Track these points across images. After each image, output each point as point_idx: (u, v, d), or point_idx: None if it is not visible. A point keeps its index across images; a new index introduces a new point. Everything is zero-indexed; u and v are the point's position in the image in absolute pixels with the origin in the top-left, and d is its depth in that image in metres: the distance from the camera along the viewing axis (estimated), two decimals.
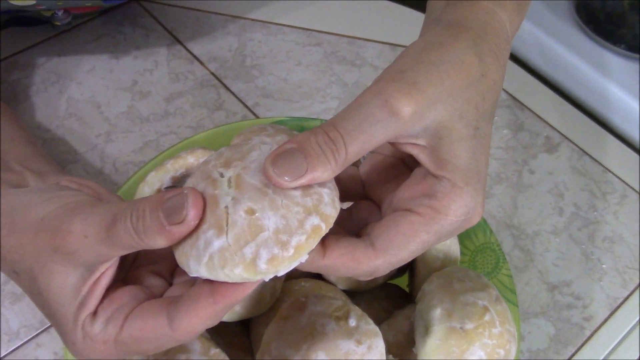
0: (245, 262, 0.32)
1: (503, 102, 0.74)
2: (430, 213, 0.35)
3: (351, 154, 0.33)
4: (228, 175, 0.33)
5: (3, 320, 0.55)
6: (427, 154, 0.35)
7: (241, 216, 0.32)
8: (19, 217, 0.36)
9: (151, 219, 0.32)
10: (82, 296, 0.35)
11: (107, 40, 0.75)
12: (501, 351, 0.45)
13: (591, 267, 0.63)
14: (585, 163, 0.70)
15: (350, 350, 0.41)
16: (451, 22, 0.38)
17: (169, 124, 0.69)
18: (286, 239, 0.32)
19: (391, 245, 0.35)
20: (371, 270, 0.35)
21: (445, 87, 0.35)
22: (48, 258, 0.35)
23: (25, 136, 0.49)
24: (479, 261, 0.54)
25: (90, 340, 0.34)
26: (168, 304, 0.34)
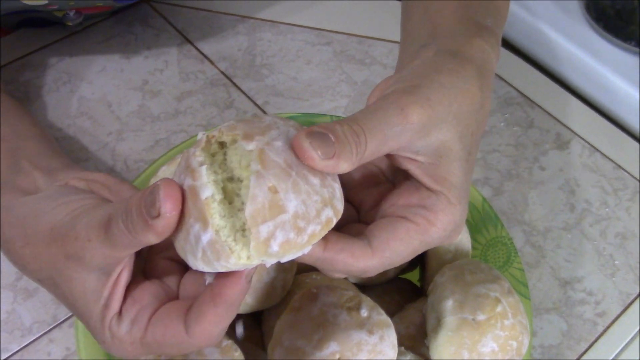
0: (258, 240, 0.31)
1: (513, 100, 0.74)
2: (425, 224, 0.36)
3: (368, 151, 0.34)
4: (250, 148, 0.32)
5: (16, 316, 0.56)
6: (424, 170, 0.37)
7: (264, 192, 0.31)
8: (30, 227, 0.38)
9: (137, 215, 0.32)
10: (104, 298, 0.36)
11: (118, 40, 0.76)
12: (513, 343, 0.44)
13: (603, 263, 0.63)
14: (597, 160, 0.70)
15: (362, 341, 0.41)
16: (454, 52, 0.40)
17: (180, 123, 0.69)
18: (303, 226, 0.32)
19: (387, 247, 0.36)
20: (365, 269, 0.36)
21: (452, 109, 0.37)
22: (63, 266, 0.36)
23: (35, 131, 0.50)
24: (490, 255, 0.54)
25: (118, 341, 0.36)
26: (185, 310, 0.34)
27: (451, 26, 0.43)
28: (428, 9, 0.47)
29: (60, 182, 0.42)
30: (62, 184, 0.42)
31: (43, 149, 0.47)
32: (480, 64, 0.40)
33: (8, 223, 0.40)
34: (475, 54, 0.41)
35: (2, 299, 0.57)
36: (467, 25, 0.43)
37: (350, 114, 0.36)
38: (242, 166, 0.33)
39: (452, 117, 0.37)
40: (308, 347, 0.42)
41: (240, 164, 0.33)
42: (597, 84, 0.76)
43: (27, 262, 0.38)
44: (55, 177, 0.43)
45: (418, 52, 0.42)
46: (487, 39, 0.42)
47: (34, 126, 0.50)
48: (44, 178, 0.43)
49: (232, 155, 0.33)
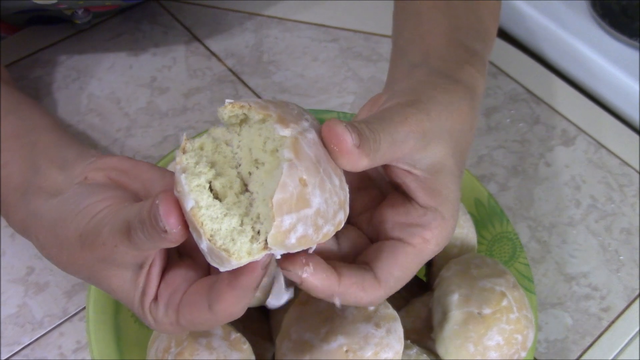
0: (279, 229, 0.31)
1: (519, 96, 0.74)
2: (421, 243, 0.38)
3: (381, 152, 0.35)
4: (284, 134, 0.32)
5: (27, 309, 0.57)
6: (419, 183, 0.38)
7: (294, 183, 0.31)
8: (61, 234, 0.39)
9: (150, 227, 0.33)
10: (141, 287, 0.38)
11: (126, 37, 0.76)
12: (519, 336, 0.45)
13: (608, 259, 0.63)
14: (602, 156, 0.70)
15: (369, 334, 0.42)
16: (447, 74, 0.43)
17: (188, 119, 0.70)
18: (321, 224, 0.32)
19: (391, 277, 0.37)
20: (372, 301, 0.37)
21: (447, 126, 0.39)
22: (99, 267, 0.38)
23: (47, 122, 0.50)
24: (496, 250, 0.54)
25: (160, 323, 0.38)
26: (208, 290, 0.36)
27: (443, 49, 0.46)
28: (419, 26, 0.49)
29: (79, 177, 0.43)
30: (82, 179, 0.42)
31: (56, 140, 0.48)
32: (471, 88, 0.43)
33: (41, 229, 0.41)
34: (465, 78, 0.43)
35: (13, 293, 0.57)
36: (458, 50, 0.46)
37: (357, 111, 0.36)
38: (266, 149, 0.33)
39: (446, 134, 0.39)
40: (316, 340, 0.42)
41: (265, 146, 0.33)
42: (602, 80, 0.77)
43: (65, 266, 0.40)
44: (73, 171, 0.43)
45: (411, 71, 0.44)
46: (476, 65, 0.45)
47: (44, 117, 0.51)
48: (62, 175, 0.43)
49: (254, 134, 0.33)
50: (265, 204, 0.32)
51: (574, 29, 0.79)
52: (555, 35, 0.79)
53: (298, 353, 0.43)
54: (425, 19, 0.49)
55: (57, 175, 0.44)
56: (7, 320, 0.56)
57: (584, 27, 0.79)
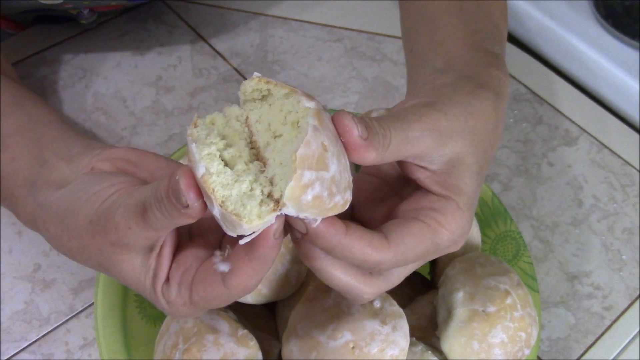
0: (299, 182, 0.31)
1: (522, 96, 0.75)
2: (435, 225, 0.37)
3: (392, 148, 0.36)
4: (309, 105, 0.33)
5: (34, 306, 0.57)
6: (434, 179, 0.38)
7: (317, 144, 0.32)
8: (70, 222, 0.39)
9: (169, 204, 0.33)
10: (152, 270, 0.38)
11: (131, 37, 0.77)
12: (523, 334, 0.45)
13: (611, 258, 0.64)
14: (604, 156, 0.71)
15: (376, 330, 0.42)
16: (471, 77, 0.43)
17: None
18: (334, 192, 0.33)
19: (403, 242, 0.36)
20: (379, 262, 0.36)
21: (468, 125, 0.39)
22: (110, 252, 0.38)
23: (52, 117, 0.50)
24: (499, 249, 0.55)
25: (173, 305, 0.37)
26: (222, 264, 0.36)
27: (465, 55, 0.46)
28: (435, 32, 0.49)
29: (85, 168, 0.43)
30: (89, 169, 0.43)
31: (62, 134, 0.48)
32: (496, 90, 0.43)
33: (49, 221, 0.41)
34: (492, 81, 0.43)
35: (20, 289, 0.58)
36: (480, 54, 0.46)
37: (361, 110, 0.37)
38: (286, 122, 0.33)
39: (467, 132, 0.39)
40: (322, 336, 0.43)
41: (285, 120, 0.34)
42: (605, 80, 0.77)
43: (76, 254, 0.40)
44: (79, 163, 0.43)
45: (435, 77, 0.44)
46: (500, 67, 0.45)
47: (50, 112, 0.51)
48: (69, 167, 0.44)
49: (275, 110, 0.34)
50: (282, 167, 0.33)
51: (577, 30, 0.79)
52: (558, 36, 0.80)
53: (305, 349, 0.43)
54: (441, 24, 0.49)
55: (64, 168, 0.44)
56: (14, 317, 0.56)
57: (587, 28, 0.80)
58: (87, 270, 0.59)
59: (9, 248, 0.60)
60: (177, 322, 0.46)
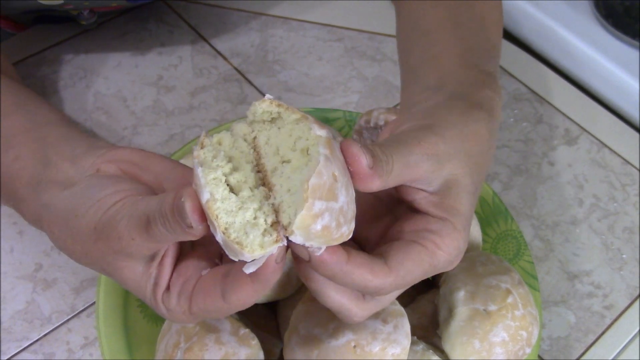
0: (310, 212, 0.31)
1: (523, 96, 0.75)
2: (433, 247, 0.37)
3: (394, 174, 0.36)
4: (320, 134, 0.33)
5: (35, 306, 0.57)
6: (432, 199, 0.38)
7: (328, 174, 0.32)
8: (74, 227, 0.40)
9: (173, 222, 0.34)
10: (153, 278, 0.38)
11: (132, 36, 0.77)
12: (524, 333, 0.45)
13: (611, 257, 0.64)
14: (605, 155, 0.71)
15: (377, 329, 0.43)
16: (464, 96, 0.43)
17: (194, 117, 0.70)
18: (342, 222, 0.33)
19: (402, 267, 0.37)
20: (380, 287, 0.36)
21: (464, 147, 0.40)
22: (113, 259, 0.38)
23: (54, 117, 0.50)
24: (500, 248, 0.55)
25: (172, 313, 0.38)
26: (222, 279, 0.36)
27: (458, 72, 0.46)
28: (430, 47, 0.49)
29: (90, 169, 0.43)
30: (94, 170, 0.43)
31: (65, 134, 0.48)
32: (489, 110, 0.43)
33: (54, 222, 0.42)
34: (484, 102, 0.44)
35: (21, 289, 0.58)
36: (472, 72, 0.46)
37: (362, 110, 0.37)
38: (295, 148, 0.34)
39: (463, 154, 0.39)
40: (324, 335, 0.43)
41: (294, 146, 0.34)
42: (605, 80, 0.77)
43: (79, 257, 0.41)
44: (84, 164, 0.43)
45: (427, 94, 0.45)
46: (493, 87, 0.45)
47: (53, 112, 0.51)
48: (74, 167, 0.44)
49: (285, 134, 0.34)
50: (291, 194, 0.33)
51: (577, 30, 0.80)
52: (558, 35, 0.80)
53: (306, 348, 0.43)
54: (436, 40, 0.49)
55: (68, 168, 0.44)
56: (16, 316, 0.56)
57: (587, 27, 0.80)
58: (88, 270, 0.59)
59: (10, 248, 0.60)
60: None
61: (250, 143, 0.35)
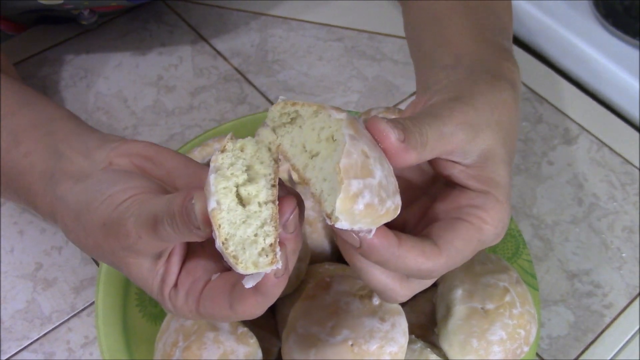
0: (348, 193, 0.31)
1: (522, 95, 0.75)
2: (479, 223, 0.37)
3: (429, 146, 0.36)
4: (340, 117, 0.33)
5: (36, 305, 0.57)
6: (469, 173, 0.38)
7: (358, 152, 0.32)
8: (86, 221, 0.40)
9: (181, 223, 0.34)
10: (160, 275, 0.38)
11: (133, 37, 0.77)
12: (522, 331, 0.46)
13: (611, 256, 0.64)
14: (604, 154, 0.71)
15: (374, 328, 0.43)
16: (486, 70, 0.43)
17: (194, 117, 0.70)
18: (384, 197, 0.32)
19: (452, 247, 0.36)
20: (432, 269, 0.36)
21: (494, 117, 0.39)
22: (121, 254, 0.38)
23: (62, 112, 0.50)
24: (499, 247, 0.55)
25: (179, 310, 0.38)
26: (230, 287, 0.36)
27: (475, 50, 0.45)
28: (442, 31, 0.48)
29: (103, 162, 0.43)
30: (107, 164, 0.43)
31: (75, 128, 0.48)
32: (511, 81, 0.43)
33: (67, 215, 0.42)
34: (506, 73, 0.43)
35: (22, 288, 0.58)
36: (489, 48, 0.46)
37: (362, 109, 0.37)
38: (321, 138, 0.33)
39: (494, 124, 0.39)
40: (322, 333, 0.43)
41: (319, 136, 0.33)
42: (605, 79, 0.77)
43: (90, 250, 0.41)
44: (97, 157, 0.43)
45: (447, 73, 0.44)
46: (511, 59, 0.45)
47: (59, 109, 0.51)
48: (87, 160, 0.43)
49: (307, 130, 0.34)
50: (327, 182, 0.32)
51: (577, 29, 0.80)
52: (558, 35, 0.80)
53: (304, 347, 0.43)
54: (448, 24, 0.48)
55: (81, 161, 0.44)
56: (16, 316, 0.57)
57: (587, 27, 0.80)
58: (88, 269, 0.59)
59: (10, 247, 0.60)
60: (177, 320, 0.46)
61: (274, 153, 0.35)
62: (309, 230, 0.52)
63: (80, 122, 0.49)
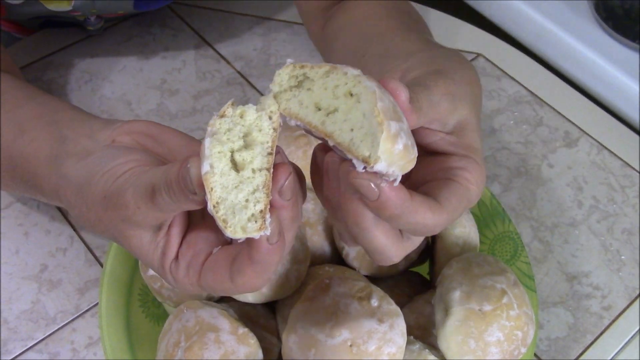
0: (389, 133, 0.32)
1: (523, 98, 0.75)
2: (466, 183, 0.39)
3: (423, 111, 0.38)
4: (356, 73, 0.34)
5: (40, 306, 0.58)
6: (450, 140, 0.40)
7: (388, 98, 0.33)
8: (87, 195, 0.41)
9: (177, 190, 0.34)
10: (161, 247, 0.39)
11: (137, 41, 0.78)
12: (519, 333, 0.46)
13: (610, 259, 0.64)
14: (604, 157, 0.71)
15: (373, 329, 0.43)
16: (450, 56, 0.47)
17: (197, 121, 0.71)
18: (412, 142, 0.34)
19: (450, 204, 0.38)
20: (435, 225, 0.37)
21: (468, 90, 0.42)
22: (122, 227, 0.39)
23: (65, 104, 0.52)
24: (497, 249, 0.56)
25: (180, 282, 0.39)
26: (230, 260, 0.37)
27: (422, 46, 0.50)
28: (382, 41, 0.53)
29: (106, 140, 0.44)
30: (110, 142, 0.44)
31: (78, 115, 0.49)
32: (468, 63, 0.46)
33: (70, 190, 0.43)
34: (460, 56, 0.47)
35: (27, 289, 0.59)
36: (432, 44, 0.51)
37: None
38: (337, 95, 0.34)
39: (469, 97, 0.42)
40: (321, 334, 0.43)
41: (335, 93, 0.34)
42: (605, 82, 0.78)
43: (93, 225, 0.41)
44: (100, 137, 0.44)
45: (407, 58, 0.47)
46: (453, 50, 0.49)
47: (62, 102, 0.52)
48: (91, 141, 0.44)
49: (319, 90, 0.34)
50: (358, 128, 0.33)
51: (577, 32, 0.80)
52: (558, 38, 0.81)
53: (304, 347, 0.44)
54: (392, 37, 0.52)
55: (85, 141, 0.45)
56: (22, 316, 0.57)
57: (587, 30, 0.80)
58: (92, 270, 0.60)
59: (16, 249, 0.61)
60: (180, 321, 0.47)
61: (274, 122, 0.35)
62: (309, 233, 0.52)
63: (83, 111, 0.50)
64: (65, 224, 0.63)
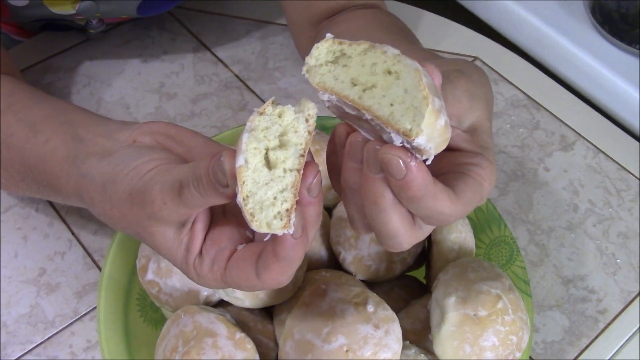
0: (434, 107, 0.33)
1: (520, 102, 0.75)
2: (480, 179, 0.40)
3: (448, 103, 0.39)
4: (396, 52, 0.34)
5: (39, 309, 0.58)
6: (465, 137, 0.41)
7: (428, 76, 0.34)
8: (112, 193, 0.42)
9: (207, 183, 0.35)
10: (184, 243, 0.40)
11: (135, 44, 0.78)
12: (514, 338, 0.46)
13: (605, 262, 0.65)
14: (600, 161, 0.72)
15: (369, 334, 0.44)
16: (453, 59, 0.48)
17: (195, 124, 0.71)
18: (449, 121, 0.35)
19: (465, 196, 0.38)
20: (451, 214, 0.38)
21: (482, 92, 0.43)
22: (147, 223, 0.40)
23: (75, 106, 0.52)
24: (493, 254, 0.56)
25: (203, 278, 0.40)
26: (256, 256, 0.38)
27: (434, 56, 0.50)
28: None
29: (127, 141, 0.45)
30: (130, 142, 0.45)
31: (92, 117, 0.50)
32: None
33: (93, 189, 0.43)
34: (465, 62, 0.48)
35: (25, 293, 0.59)
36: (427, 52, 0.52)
37: None
38: (375, 71, 0.34)
39: (483, 98, 0.43)
40: (317, 340, 0.44)
41: (373, 70, 0.34)
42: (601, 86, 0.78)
43: (116, 222, 0.42)
44: (119, 137, 0.45)
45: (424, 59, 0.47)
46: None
47: (69, 103, 0.53)
48: (110, 141, 0.45)
49: (356, 66, 0.35)
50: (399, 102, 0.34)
51: (573, 36, 0.80)
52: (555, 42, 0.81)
53: (300, 352, 0.44)
54: None
55: (104, 142, 0.46)
56: (20, 320, 0.58)
57: (583, 34, 0.81)
58: (90, 274, 0.60)
59: (14, 253, 0.62)
60: (177, 326, 0.47)
61: (310, 125, 0.36)
62: None
63: (92, 112, 0.51)
64: (64, 227, 0.63)
